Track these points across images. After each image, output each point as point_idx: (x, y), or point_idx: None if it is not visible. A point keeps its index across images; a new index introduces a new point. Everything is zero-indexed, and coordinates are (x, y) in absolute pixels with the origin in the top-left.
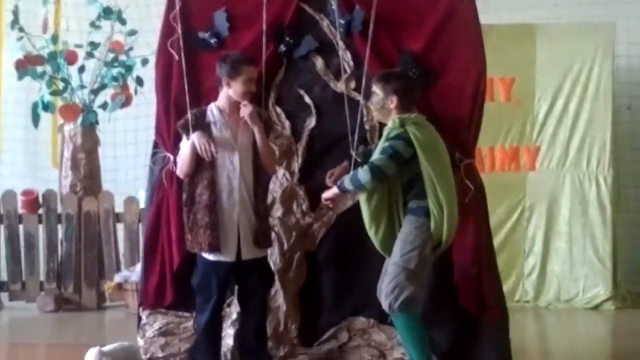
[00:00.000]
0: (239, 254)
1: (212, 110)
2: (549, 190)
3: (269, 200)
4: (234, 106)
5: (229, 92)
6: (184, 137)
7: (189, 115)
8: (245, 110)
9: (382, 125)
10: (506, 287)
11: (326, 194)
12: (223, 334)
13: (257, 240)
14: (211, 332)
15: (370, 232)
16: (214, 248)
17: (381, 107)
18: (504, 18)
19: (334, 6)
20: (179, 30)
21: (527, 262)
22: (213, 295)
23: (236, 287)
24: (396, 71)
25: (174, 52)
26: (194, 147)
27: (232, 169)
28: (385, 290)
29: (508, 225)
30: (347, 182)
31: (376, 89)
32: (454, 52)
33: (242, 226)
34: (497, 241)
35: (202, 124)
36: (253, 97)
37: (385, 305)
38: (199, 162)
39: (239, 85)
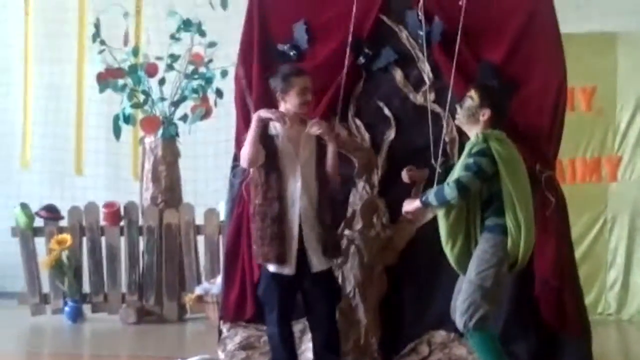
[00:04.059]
0: (300, 267)
1: (275, 123)
2: (631, 202)
3: (349, 213)
4: (294, 118)
5: (286, 106)
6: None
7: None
8: (316, 128)
9: (461, 137)
10: (588, 300)
11: (408, 207)
12: (304, 348)
13: (326, 250)
14: (282, 344)
15: (446, 248)
16: (280, 259)
17: (471, 115)
18: (584, 27)
19: (420, 17)
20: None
21: (610, 275)
22: (275, 307)
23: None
24: (496, 86)
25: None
26: (259, 122)
27: (293, 181)
28: (460, 309)
29: (589, 237)
30: (431, 197)
31: (474, 94)
32: (533, 62)
33: (307, 238)
34: (578, 253)
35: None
36: (310, 105)
37: (459, 324)
38: (268, 171)
39: (293, 97)
